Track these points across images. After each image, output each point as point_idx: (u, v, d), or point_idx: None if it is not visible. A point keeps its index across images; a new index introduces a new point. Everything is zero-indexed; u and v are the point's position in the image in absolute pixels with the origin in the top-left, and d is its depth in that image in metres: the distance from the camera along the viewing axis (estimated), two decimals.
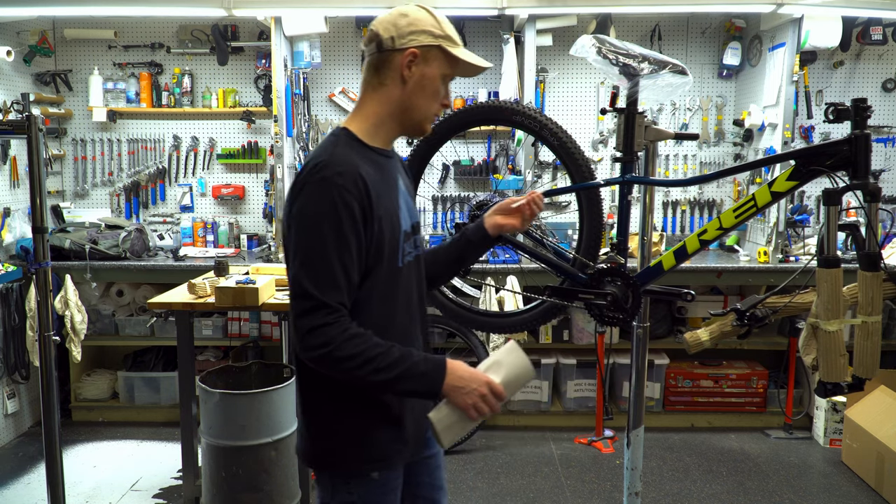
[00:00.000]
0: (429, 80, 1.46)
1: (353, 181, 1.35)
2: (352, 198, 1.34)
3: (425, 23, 1.44)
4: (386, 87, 1.47)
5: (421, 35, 1.43)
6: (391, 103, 1.47)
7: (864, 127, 1.62)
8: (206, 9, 3.69)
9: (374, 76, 1.49)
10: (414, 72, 1.44)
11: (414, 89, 1.45)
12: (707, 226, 1.88)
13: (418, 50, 1.43)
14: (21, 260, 3.78)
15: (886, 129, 4.27)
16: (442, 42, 1.45)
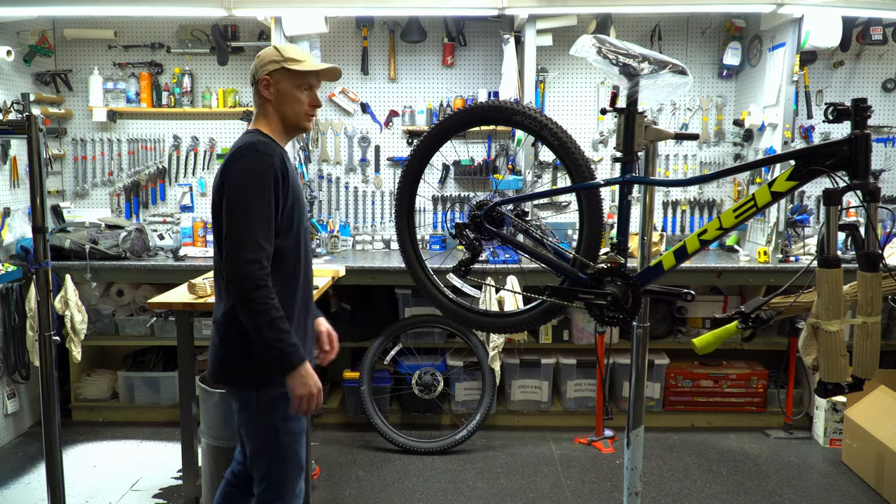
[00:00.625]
0: (285, 94, 2.03)
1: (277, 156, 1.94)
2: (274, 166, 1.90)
3: (270, 56, 2.02)
4: (262, 108, 2.06)
5: (268, 65, 2.01)
6: (270, 118, 2.06)
7: (864, 127, 1.62)
8: (206, 9, 3.69)
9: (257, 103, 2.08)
10: (272, 91, 2.03)
11: (277, 103, 2.04)
12: (707, 226, 1.87)
13: (268, 76, 2.02)
14: (21, 260, 3.78)
15: (886, 129, 4.27)
16: (283, 64, 2.00)
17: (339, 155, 4.42)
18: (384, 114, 4.39)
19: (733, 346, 4.07)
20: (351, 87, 4.37)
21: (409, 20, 4.17)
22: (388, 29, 4.29)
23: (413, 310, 3.99)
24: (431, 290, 2.44)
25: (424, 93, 4.37)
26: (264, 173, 1.88)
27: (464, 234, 2.31)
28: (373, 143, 4.41)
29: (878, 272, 1.62)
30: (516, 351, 3.99)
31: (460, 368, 3.97)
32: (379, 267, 3.78)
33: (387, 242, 4.41)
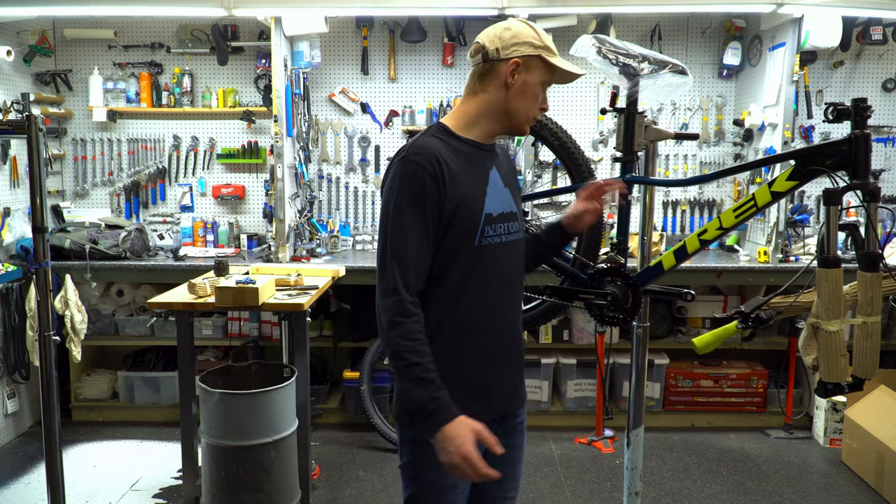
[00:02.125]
0: (530, 87, 1.60)
1: (428, 160, 1.52)
2: (425, 173, 1.50)
3: (526, 35, 1.60)
4: (487, 93, 1.61)
5: (523, 46, 1.59)
6: (491, 106, 1.62)
7: (864, 127, 1.62)
8: (206, 9, 3.69)
9: (478, 83, 1.63)
10: (517, 79, 1.59)
11: (516, 95, 1.60)
12: (707, 226, 1.88)
13: (521, 59, 1.58)
14: (21, 260, 3.78)
15: (886, 129, 4.27)
16: (542, 52, 1.60)
17: (339, 155, 4.42)
18: (384, 114, 4.39)
19: (733, 346, 4.07)
20: (351, 86, 4.37)
21: (409, 20, 4.17)
22: (388, 29, 4.29)
23: None
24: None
25: (424, 93, 4.36)
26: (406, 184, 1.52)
27: None
28: (373, 143, 4.41)
29: (878, 272, 1.62)
30: None
31: None
32: None
33: None
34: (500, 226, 1.63)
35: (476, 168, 1.62)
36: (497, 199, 1.63)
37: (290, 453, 2.79)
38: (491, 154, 1.68)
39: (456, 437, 1.44)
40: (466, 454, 1.43)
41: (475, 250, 1.58)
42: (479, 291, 1.60)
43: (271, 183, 4.00)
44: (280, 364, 3.01)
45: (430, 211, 1.52)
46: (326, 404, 4.07)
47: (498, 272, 1.64)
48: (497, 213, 1.62)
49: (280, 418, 2.71)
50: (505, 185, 1.68)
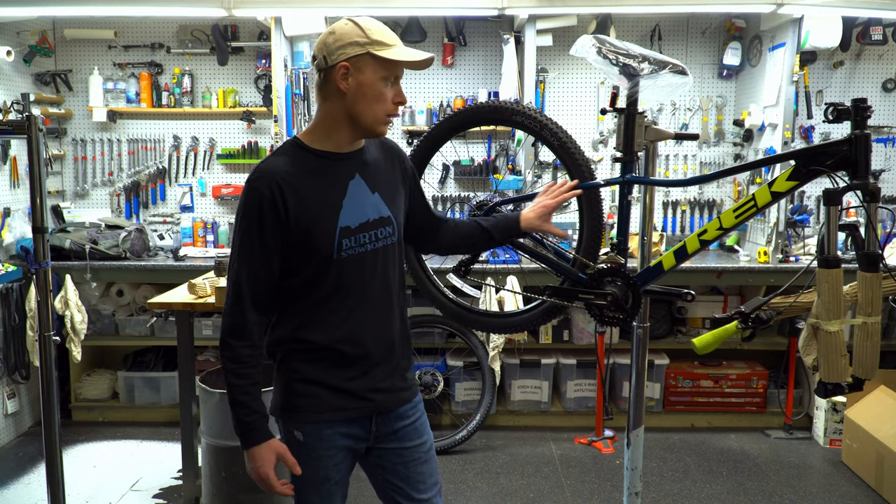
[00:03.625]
0: (367, 86, 1.55)
1: (267, 184, 1.53)
2: (262, 199, 1.52)
3: (350, 35, 1.53)
4: (329, 102, 1.58)
5: (348, 47, 1.52)
6: (335, 114, 1.59)
7: (864, 127, 1.62)
8: (206, 9, 3.69)
9: (319, 93, 1.61)
10: (350, 83, 1.54)
11: (354, 98, 1.55)
12: (707, 226, 1.88)
13: (348, 62, 1.53)
14: (21, 260, 3.78)
15: (886, 129, 4.27)
16: (369, 48, 1.52)
17: None
18: None
19: (733, 346, 4.07)
20: None
21: (409, 20, 4.17)
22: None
23: (413, 310, 3.99)
24: (431, 290, 2.44)
25: (424, 93, 4.37)
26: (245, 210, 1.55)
27: None
28: None
29: (878, 272, 1.62)
30: (516, 351, 3.99)
31: (460, 368, 3.97)
32: None
33: None
34: (363, 235, 1.62)
35: (331, 181, 1.60)
36: (357, 209, 1.61)
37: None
38: (352, 162, 1.64)
39: (256, 459, 1.61)
40: (264, 475, 1.61)
41: (334, 264, 1.59)
42: (343, 302, 1.62)
43: None
44: None
45: (270, 235, 1.54)
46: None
47: (364, 281, 1.64)
48: (357, 224, 1.61)
49: None
50: (373, 190, 1.65)
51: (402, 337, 1.75)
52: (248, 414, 1.60)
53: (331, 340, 1.63)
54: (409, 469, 1.77)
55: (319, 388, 1.65)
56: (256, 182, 1.53)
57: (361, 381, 1.67)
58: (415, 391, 1.81)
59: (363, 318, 1.65)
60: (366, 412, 1.70)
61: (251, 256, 1.56)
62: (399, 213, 1.72)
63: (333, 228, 1.58)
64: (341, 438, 1.69)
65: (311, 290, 1.61)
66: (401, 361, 1.75)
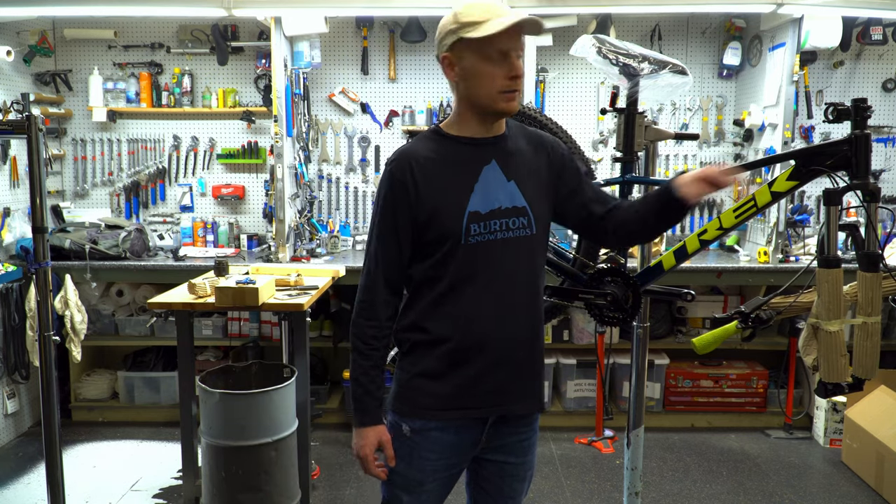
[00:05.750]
0: (470, 70, 1.54)
1: (400, 166, 1.56)
2: (395, 179, 1.56)
3: (446, 24, 1.55)
4: (454, 91, 1.62)
5: (446, 38, 1.55)
6: (460, 101, 1.60)
7: (864, 127, 1.62)
8: (206, 9, 3.69)
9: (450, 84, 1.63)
10: (457, 71, 1.56)
11: (465, 83, 1.56)
12: (707, 226, 1.88)
13: (448, 53, 1.55)
14: (21, 260, 3.78)
15: (886, 129, 4.27)
16: (460, 33, 1.51)
17: (338, 155, 4.42)
18: (384, 114, 4.39)
19: (733, 346, 4.07)
20: (351, 87, 4.37)
21: (409, 20, 4.17)
22: (388, 29, 4.29)
23: None
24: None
25: (424, 93, 4.37)
26: (382, 193, 1.59)
27: None
28: (373, 143, 4.41)
29: (878, 272, 1.62)
30: None
31: None
32: None
33: None
34: (493, 222, 1.56)
35: (464, 166, 1.59)
36: (488, 195, 1.57)
37: (290, 453, 2.79)
38: (491, 148, 1.61)
39: (361, 438, 1.62)
40: (364, 455, 1.63)
41: (461, 249, 1.55)
42: (468, 292, 1.57)
43: (271, 183, 4.00)
44: (280, 364, 3.01)
45: (401, 215, 1.56)
46: (326, 404, 4.07)
47: (491, 272, 1.58)
48: (487, 210, 1.56)
49: (280, 418, 2.71)
50: (509, 178, 1.60)
51: (530, 340, 1.65)
52: (365, 395, 1.62)
53: (451, 333, 1.58)
54: (503, 483, 1.77)
55: (436, 384, 1.61)
56: (391, 164, 1.58)
57: (480, 382, 1.60)
58: (539, 405, 1.71)
59: (486, 312, 1.58)
60: (479, 416, 1.64)
61: (384, 234, 1.58)
62: (539, 205, 1.63)
63: (462, 211, 1.55)
64: (448, 445, 1.64)
65: (437, 277, 1.58)
66: (525, 367, 1.65)
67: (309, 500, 3.01)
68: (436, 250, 1.57)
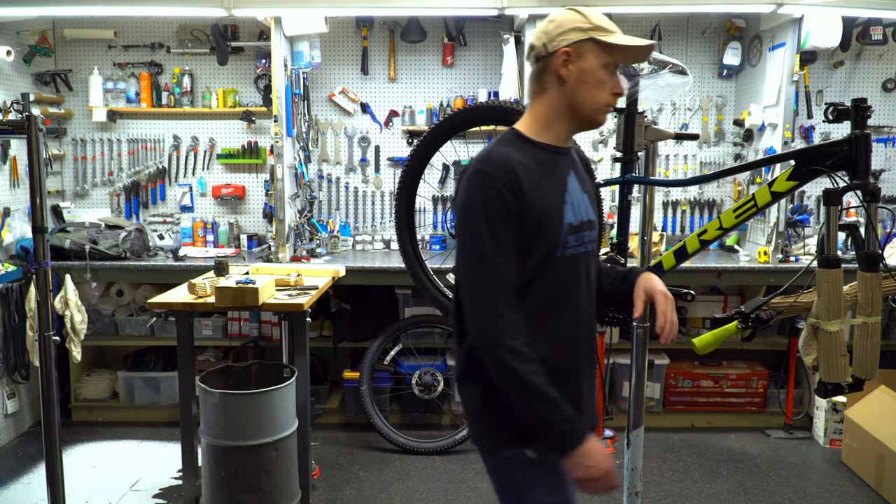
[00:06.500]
0: (588, 73, 1.48)
1: (505, 171, 1.43)
2: (502, 185, 1.42)
3: (572, 21, 1.48)
4: (548, 91, 1.52)
5: (570, 33, 1.47)
6: (556, 104, 1.52)
7: (864, 127, 1.62)
8: (206, 9, 3.69)
9: (536, 83, 1.54)
10: (571, 69, 1.48)
11: (575, 86, 1.49)
12: (707, 226, 1.88)
13: (570, 48, 1.47)
14: (21, 260, 3.78)
15: (886, 129, 4.27)
16: (592, 34, 1.47)
17: (339, 155, 4.42)
18: (384, 114, 4.39)
19: (733, 346, 4.07)
20: (351, 87, 4.37)
21: (409, 20, 4.17)
22: (388, 29, 4.29)
23: (413, 310, 3.99)
24: (431, 290, 2.45)
25: (424, 93, 4.37)
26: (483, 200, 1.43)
27: None
28: (373, 143, 4.41)
29: (878, 272, 1.62)
30: None
31: None
32: (379, 267, 3.78)
33: (387, 242, 4.41)
34: (581, 234, 1.54)
35: (554, 175, 1.52)
36: (576, 207, 1.54)
37: (290, 453, 2.79)
38: (569, 158, 1.58)
39: (597, 452, 1.42)
40: (609, 467, 1.42)
41: (556, 262, 1.49)
42: (564, 304, 1.53)
43: (271, 183, 4.00)
44: (280, 364, 3.01)
45: (512, 226, 1.43)
46: (326, 404, 4.07)
47: (580, 283, 1.55)
48: (577, 222, 1.53)
49: (280, 418, 2.71)
50: (583, 191, 1.58)
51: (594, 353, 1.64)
52: (569, 410, 1.43)
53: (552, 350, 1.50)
54: None
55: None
56: (490, 170, 1.43)
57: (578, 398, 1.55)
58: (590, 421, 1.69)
59: (576, 326, 1.55)
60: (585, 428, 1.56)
61: (499, 248, 1.43)
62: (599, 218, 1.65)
63: (561, 223, 1.49)
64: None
65: (533, 292, 1.48)
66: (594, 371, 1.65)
67: (309, 500, 3.01)
68: (532, 263, 1.47)
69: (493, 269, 1.42)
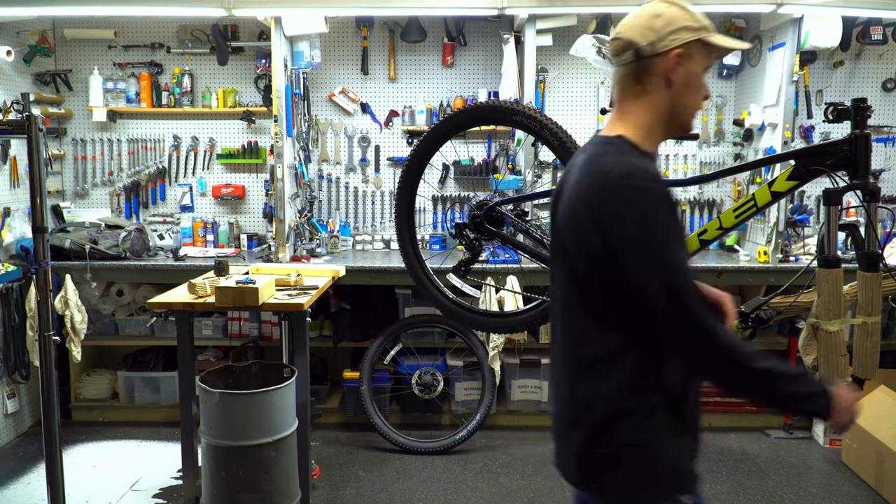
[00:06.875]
0: (694, 77, 1.39)
1: (664, 185, 1.33)
2: (670, 201, 1.31)
3: (681, 19, 1.35)
4: (650, 95, 1.39)
5: (681, 32, 1.34)
6: (658, 109, 1.40)
7: (864, 127, 1.62)
8: (206, 9, 3.69)
9: (635, 84, 1.40)
10: (680, 72, 1.36)
11: (682, 90, 1.39)
12: (707, 226, 1.88)
13: (682, 49, 1.35)
14: (21, 260, 3.78)
15: (886, 129, 4.27)
16: (702, 34, 1.36)
17: (339, 155, 4.42)
18: (384, 114, 4.39)
19: None
20: (351, 87, 4.37)
21: (409, 20, 4.17)
22: (388, 29, 4.29)
23: (413, 310, 3.99)
24: (431, 290, 2.45)
25: (424, 93, 4.37)
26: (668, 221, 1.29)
27: (464, 234, 2.32)
28: (373, 143, 4.41)
29: (878, 272, 1.62)
30: (516, 351, 3.99)
31: (460, 368, 3.97)
32: (379, 267, 3.78)
33: (387, 242, 4.41)
34: None
35: None
36: None
37: (290, 453, 2.79)
38: None
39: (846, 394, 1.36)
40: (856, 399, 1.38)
41: None
42: None
43: (271, 183, 4.00)
44: (280, 364, 3.01)
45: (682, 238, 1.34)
46: (326, 404, 4.07)
47: None
48: None
49: (280, 418, 2.71)
50: None
51: None
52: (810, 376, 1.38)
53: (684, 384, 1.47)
54: None
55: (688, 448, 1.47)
56: (653, 186, 1.29)
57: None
58: None
59: None
60: None
61: (685, 259, 1.32)
62: None
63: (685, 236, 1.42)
64: None
65: None
66: None
67: (309, 500, 3.01)
68: None
69: (690, 281, 1.31)
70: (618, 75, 1.42)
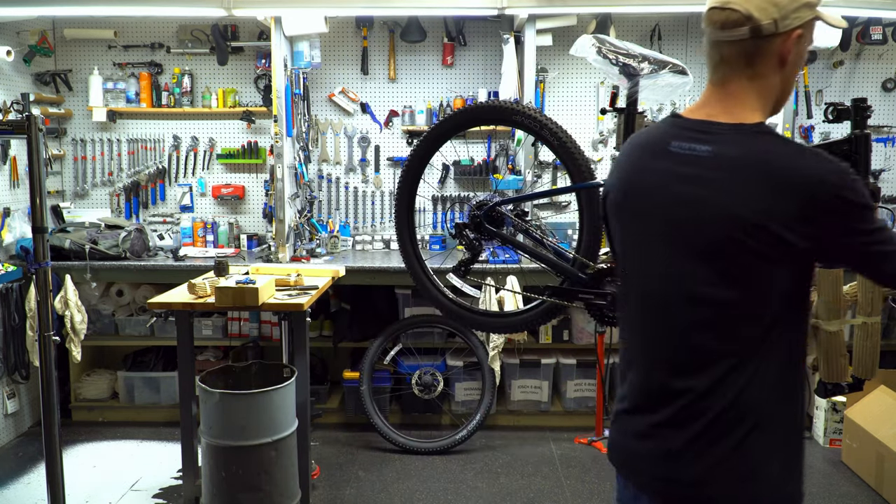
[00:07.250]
0: (801, 59, 1.27)
1: None
2: None
3: None
4: (764, 78, 1.26)
5: (802, 10, 1.21)
6: (771, 93, 1.28)
7: (864, 127, 1.62)
8: (206, 9, 3.69)
9: (747, 66, 1.27)
10: (795, 53, 1.24)
11: (791, 72, 1.26)
12: None
13: (802, 29, 1.22)
14: (21, 260, 3.78)
15: (886, 129, 4.27)
16: (819, 12, 1.24)
17: (338, 155, 4.42)
18: (384, 114, 4.39)
19: None
20: (351, 87, 4.37)
21: (408, 20, 4.17)
22: (388, 29, 4.29)
23: (413, 310, 3.99)
24: (431, 290, 2.45)
25: (424, 93, 4.37)
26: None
27: (464, 234, 2.32)
28: (373, 143, 4.41)
29: None
30: (516, 351, 3.99)
31: (460, 368, 3.97)
32: (379, 267, 3.78)
33: (387, 242, 4.41)
34: None
35: None
36: None
37: (290, 453, 2.79)
38: None
39: None
40: None
41: None
42: None
43: (271, 183, 4.00)
44: (280, 364, 3.01)
45: None
46: (326, 404, 4.07)
47: None
48: None
49: (280, 418, 2.71)
50: None
51: None
52: None
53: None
54: None
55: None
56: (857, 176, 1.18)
57: None
58: None
59: None
60: None
61: None
62: None
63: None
64: None
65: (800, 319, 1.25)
66: None
67: (309, 500, 3.01)
68: None
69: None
70: (722, 51, 1.31)
